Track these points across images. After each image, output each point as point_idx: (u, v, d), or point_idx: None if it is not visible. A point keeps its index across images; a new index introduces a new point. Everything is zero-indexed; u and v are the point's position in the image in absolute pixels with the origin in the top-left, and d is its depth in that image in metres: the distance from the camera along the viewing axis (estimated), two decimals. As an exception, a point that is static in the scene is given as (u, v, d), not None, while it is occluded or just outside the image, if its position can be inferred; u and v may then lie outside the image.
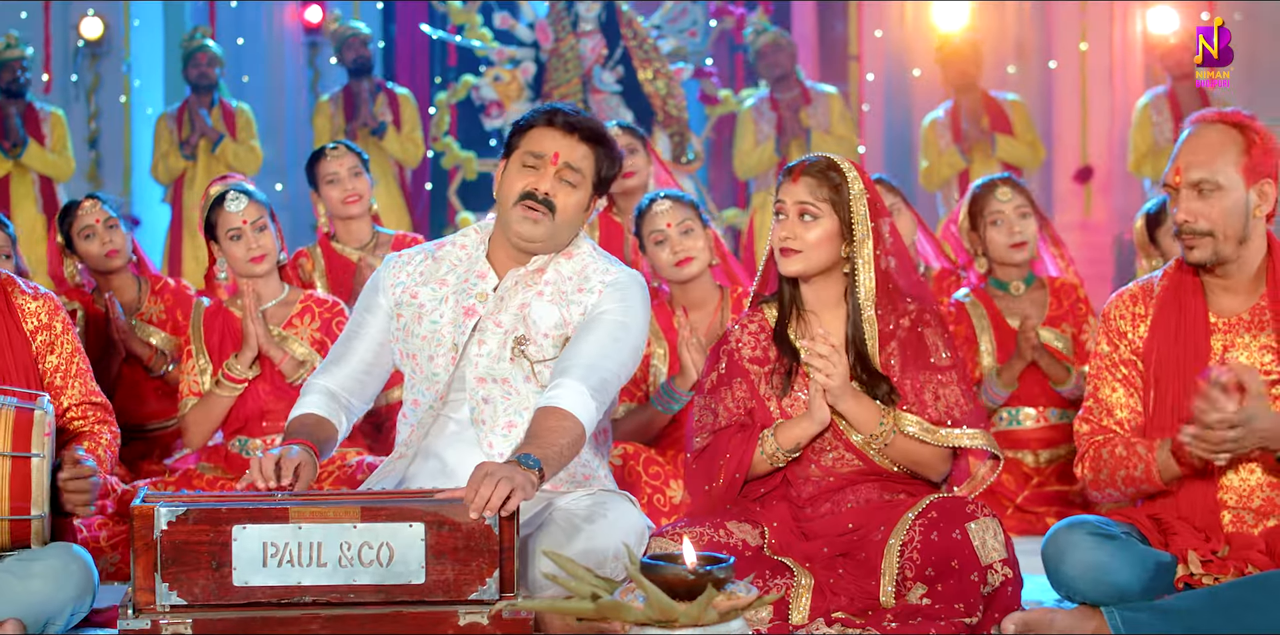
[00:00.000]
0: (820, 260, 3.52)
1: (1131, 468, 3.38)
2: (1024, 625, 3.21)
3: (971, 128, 8.82)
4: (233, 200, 4.53)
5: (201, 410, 4.50)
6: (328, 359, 3.68)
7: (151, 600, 3.03)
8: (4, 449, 3.18)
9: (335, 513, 3.06)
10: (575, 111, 3.56)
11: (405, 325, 3.58)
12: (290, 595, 3.04)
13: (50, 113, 8.97)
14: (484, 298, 3.53)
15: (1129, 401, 3.47)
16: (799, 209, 3.50)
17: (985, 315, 5.04)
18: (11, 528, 3.21)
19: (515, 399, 3.51)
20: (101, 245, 5.07)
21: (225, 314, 4.64)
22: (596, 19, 9.24)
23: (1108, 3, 10.28)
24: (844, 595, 3.32)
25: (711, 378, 3.61)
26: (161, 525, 3.02)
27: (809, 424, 3.48)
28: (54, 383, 3.58)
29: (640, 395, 4.66)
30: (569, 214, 3.51)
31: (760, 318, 3.63)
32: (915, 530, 3.33)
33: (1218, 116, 3.39)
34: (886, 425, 3.47)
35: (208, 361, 4.55)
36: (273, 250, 4.54)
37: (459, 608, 3.05)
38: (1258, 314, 3.41)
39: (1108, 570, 3.25)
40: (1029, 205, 5.07)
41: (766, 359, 3.58)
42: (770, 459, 3.50)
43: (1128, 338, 3.49)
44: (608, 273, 3.54)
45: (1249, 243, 3.38)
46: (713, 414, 3.58)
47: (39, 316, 3.60)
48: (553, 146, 3.49)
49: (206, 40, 9.14)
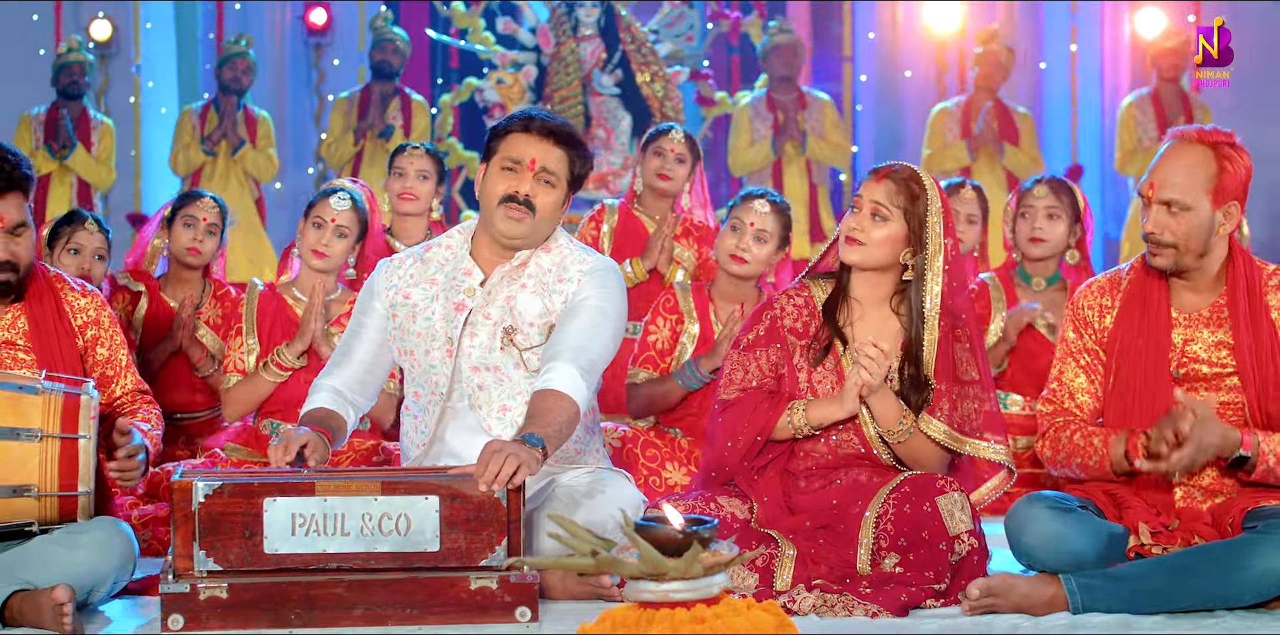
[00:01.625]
0: (878, 257, 3.80)
1: (1087, 457, 3.68)
2: (987, 590, 3.51)
3: (986, 129, 9.07)
4: (340, 199, 4.88)
5: (245, 389, 4.82)
6: (331, 361, 3.99)
7: (190, 566, 3.35)
8: (54, 431, 3.49)
9: (358, 487, 3.39)
10: (548, 117, 3.87)
11: (401, 324, 3.90)
12: (316, 562, 3.36)
13: (102, 122, 9.32)
14: (472, 293, 3.84)
15: (1090, 387, 3.78)
16: (872, 208, 3.79)
17: (1003, 299, 5.35)
18: (61, 503, 3.52)
19: (508, 384, 3.83)
20: (192, 239, 5.30)
21: (279, 300, 4.94)
22: (596, 24, 9.46)
23: (1097, 5, 10.54)
24: (824, 564, 3.63)
25: (749, 336, 3.88)
26: (199, 498, 3.35)
27: (838, 410, 3.76)
28: (105, 373, 3.89)
29: (664, 367, 4.95)
30: (547, 212, 3.82)
31: (807, 294, 3.91)
32: (889, 504, 3.65)
33: (1198, 136, 3.64)
34: (905, 424, 3.76)
35: (256, 342, 4.87)
36: (338, 257, 4.86)
37: (470, 573, 3.37)
38: (1216, 311, 3.71)
39: (1065, 540, 3.56)
40: (1061, 209, 5.33)
41: (806, 332, 3.86)
42: (795, 430, 3.78)
43: (1093, 327, 3.80)
44: (584, 262, 3.86)
45: (1210, 254, 3.68)
46: (744, 370, 3.86)
47: (87, 312, 3.91)
48: (530, 152, 3.81)
49: (250, 50, 9.41)
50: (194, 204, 5.37)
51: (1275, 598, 3.49)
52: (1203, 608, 3.47)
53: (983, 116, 9.12)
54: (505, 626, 3.35)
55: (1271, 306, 3.65)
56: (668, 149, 5.75)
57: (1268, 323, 3.64)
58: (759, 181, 9.17)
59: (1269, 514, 3.54)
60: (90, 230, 5.21)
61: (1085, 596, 3.49)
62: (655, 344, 4.95)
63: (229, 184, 9.20)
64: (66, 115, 9.12)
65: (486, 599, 3.37)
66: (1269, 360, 3.62)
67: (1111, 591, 3.49)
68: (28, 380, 3.56)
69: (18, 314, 3.83)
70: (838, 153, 9.28)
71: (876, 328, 3.83)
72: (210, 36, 10.64)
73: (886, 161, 3.90)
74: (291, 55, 10.89)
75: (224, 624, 3.31)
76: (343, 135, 9.50)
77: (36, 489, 3.48)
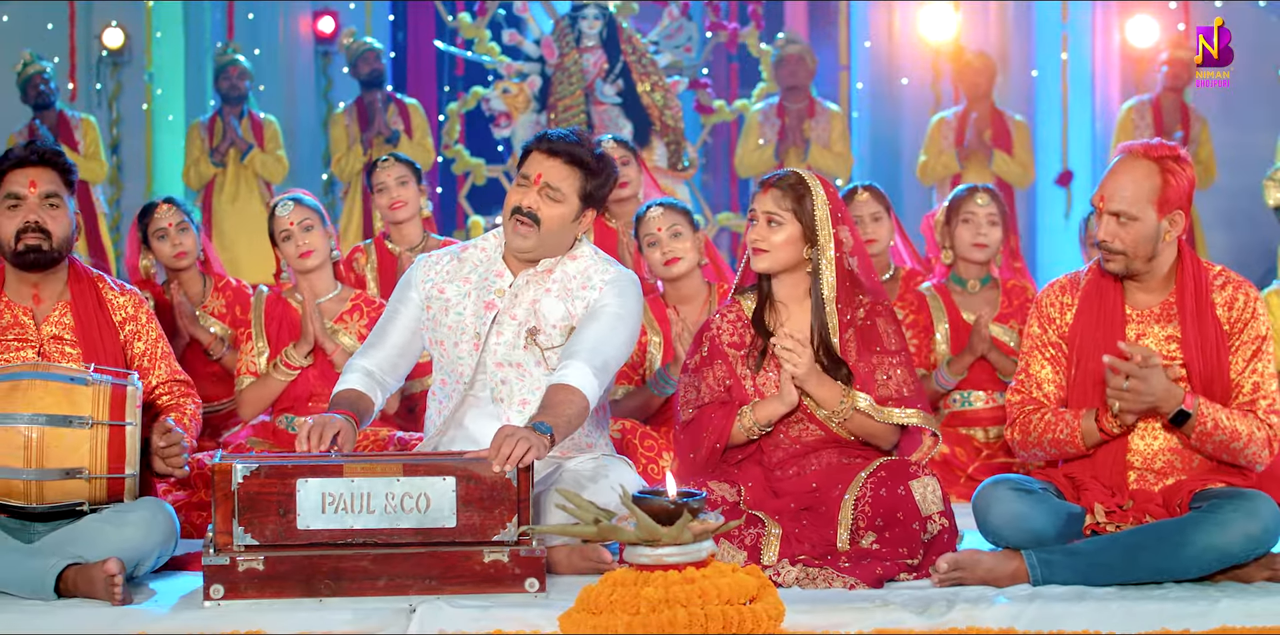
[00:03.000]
0: (785, 259, 4.20)
1: (1059, 432, 4.05)
2: (955, 564, 3.88)
3: (974, 139, 9.41)
4: (281, 207, 5.25)
5: (258, 389, 5.21)
6: (366, 343, 4.38)
7: (229, 541, 3.73)
8: (103, 419, 3.88)
9: (382, 469, 3.77)
10: (562, 138, 4.22)
11: (434, 316, 4.29)
12: (344, 537, 3.74)
13: (81, 119, 9.66)
14: (501, 294, 4.23)
15: (1055, 377, 4.16)
16: (766, 216, 4.19)
17: (943, 307, 5.70)
18: (109, 485, 3.90)
19: (529, 380, 4.22)
20: (172, 246, 5.71)
21: (284, 304, 5.33)
22: (598, 35, 9.74)
23: (1088, 14, 10.83)
24: (807, 542, 4.01)
25: (694, 359, 4.30)
26: (237, 479, 3.73)
27: (779, 405, 4.15)
28: (143, 365, 4.29)
29: (637, 379, 5.34)
30: (553, 225, 4.19)
31: (738, 308, 4.31)
32: (867, 487, 4.04)
33: (1144, 150, 4.01)
34: (846, 403, 4.16)
35: (265, 345, 5.25)
36: (321, 248, 5.23)
37: (484, 548, 3.75)
38: (1166, 308, 4.09)
39: (1027, 519, 3.94)
40: (999, 216, 5.70)
41: (743, 343, 4.26)
42: (747, 432, 4.18)
43: (1055, 322, 4.18)
44: (607, 273, 4.24)
45: (1158, 258, 4.06)
46: (696, 390, 4.26)
47: (126, 309, 4.31)
48: (537, 168, 4.20)
49: (238, 56, 9.77)
50: (153, 216, 5.77)
51: (1218, 571, 3.87)
52: (1152, 580, 3.85)
53: (971, 127, 9.45)
54: (515, 596, 3.72)
55: (1216, 304, 4.03)
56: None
57: (1212, 319, 4.01)
58: None
59: (1213, 495, 3.92)
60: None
61: (1045, 570, 3.86)
62: None
63: (240, 192, 9.57)
64: (41, 126, 9.43)
65: (499, 571, 3.74)
66: (1213, 353, 4.00)
67: (1069, 565, 3.86)
68: (78, 373, 3.95)
69: (64, 311, 4.23)
70: (839, 162, 9.61)
71: (801, 322, 4.21)
72: (220, 45, 10.91)
73: (771, 172, 4.28)
74: (300, 63, 11.25)
75: (260, 593, 3.68)
76: (350, 148, 9.86)
77: (88, 471, 3.87)
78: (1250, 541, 3.82)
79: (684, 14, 10.05)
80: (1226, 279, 4.08)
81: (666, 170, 9.68)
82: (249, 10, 11.20)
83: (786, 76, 9.58)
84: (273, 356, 5.23)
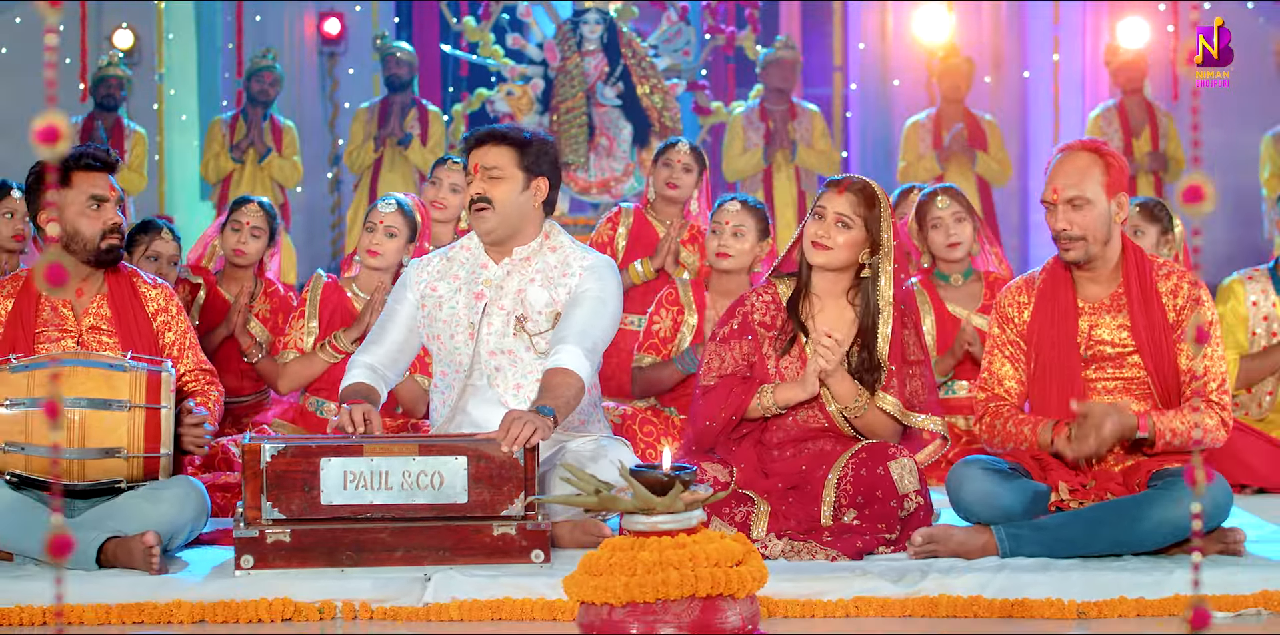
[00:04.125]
0: (842, 259, 4.49)
1: (1019, 442, 4.38)
2: (930, 538, 4.22)
3: (955, 142, 9.71)
4: (385, 203, 5.61)
5: (302, 365, 5.56)
6: (367, 340, 4.73)
7: (258, 516, 4.07)
8: (140, 402, 4.22)
9: (399, 449, 4.11)
10: (485, 128, 4.64)
11: (429, 313, 4.63)
12: (364, 512, 4.08)
13: (134, 131, 10.02)
14: (489, 283, 4.57)
15: (1015, 374, 4.49)
16: (836, 217, 4.46)
17: (929, 301, 6.02)
18: (145, 463, 4.24)
19: (520, 365, 4.56)
20: (237, 242, 5.99)
21: (340, 292, 5.67)
22: (599, 40, 10.02)
23: (1079, 16, 11.13)
24: (793, 518, 4.35)
25: (725, 330, 4.58)
26: (266, 458, 4.07)
27: (800, 392, 4.45)
28: (173, 353, 4.62)
29: (665, 353, 5.68)
30: (505, 200, 4.54)
31: (774, 291, 4.60)
32: (849, 468, 4.37)
33: (1080, 145, 4.38)
34: (860, 402, 4.47)
35: (316, 326, 5.60)
36: (390, 256, 5.57)
37: (493, 522, 4.09)
38: (1116, 299, 4.43)
39: (996, 496, 4.27)
40: (965, 211, 5.99)
41: (774, 325, 4.56)
42: (764, 410, 4.48)
43: (1014, 322, 4.51)
44: (585, 260, 4.59)
45: (1111, 243, 4.41)
46: (720, 359, 4.55)
47: (158, 302, 4.65)
48: (474, 160, 4.58)
49: (276, 63, 10.12)
50: (240, 210, 6.06)
51: (1174, 544, 4.21)
52: (1111, 552, 4.18)
53: (955, 130, 9.73)
54: (522, 566, 4.06)
55: (1161, 292, 4.37)
56: (675, 160, 6.46)
57: (1159, 307, 4.35)
58: (750, 187, 9.80)
59: (1169, 474, 4.26)
60: (166, 239, 5.91)
61: (1013, 543, 4.20)
62: (658, 332, 5.67)
63: (255, 190, 9.87)
64: (102, 127, 9.82)
65: (507, 543, 4.08)
66: (1162, 338, 4.34)
67: (1035, 539, 4.20)
68: (117, 360, 4.29)
69: (101, 304, 4.57)
70: (824, 160, 9.91)
71: (834, 319, 4.52)
72: (230, 46, 11.28)
73: (843, 175, 4.60)
74: (307, 64, 11.57)
75: (287, 563, 4.02)
76: (364, 143, 10.18)
77: (125, 451, 4.21)
78: (1202, 516, 4.16)
79: (682, 18, 10.30)
80: (1170, 270, 4.42)
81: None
82: (256, 12, 11.52)
83: (775, 79, 9.87)
84: (320, 338, 5.56)
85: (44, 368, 4.21)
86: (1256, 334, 5.81)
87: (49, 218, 4.54)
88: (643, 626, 3.16)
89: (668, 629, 3.16)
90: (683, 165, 6.47)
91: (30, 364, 4.23)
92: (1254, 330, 5.82)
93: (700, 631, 3.16)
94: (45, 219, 4.55)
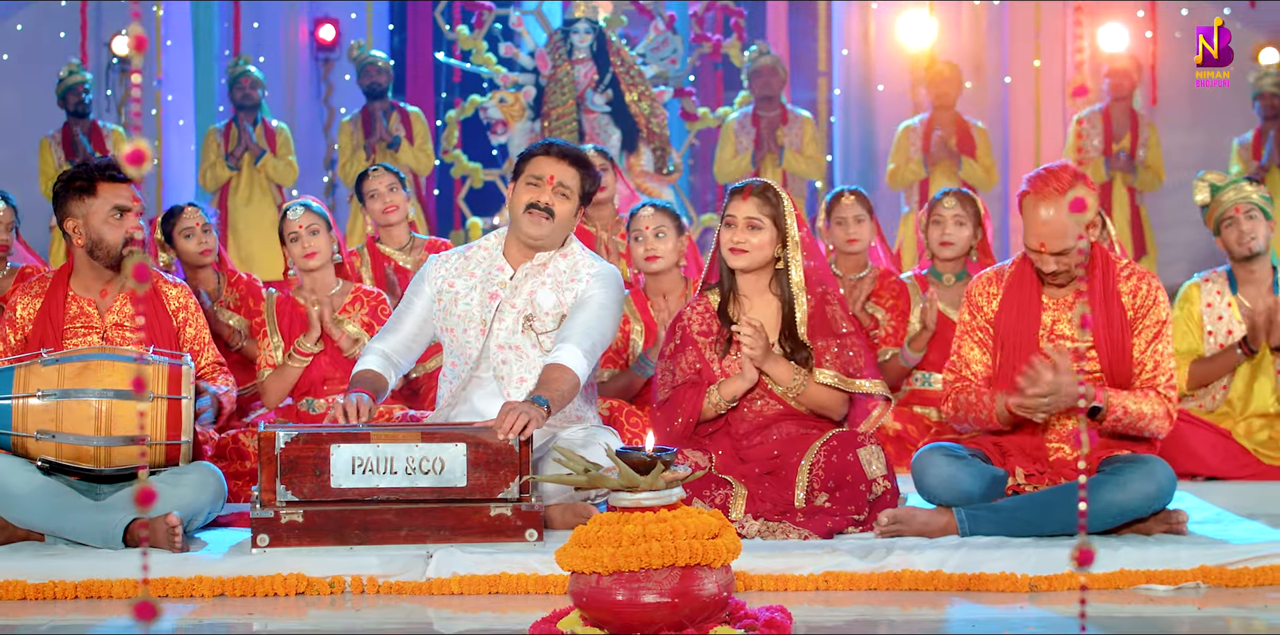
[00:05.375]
0: (760, 258, 4.92)
1: (978, 412, 4.77)
2: (895, 519, 4.60)
3: (940, 147, 10.02)
4: (291, 211, 5.96)
5: (277, 378, 5.91)
6: (383, 329, 5.11)
7: (273, 498, 4.44)
8: (162, 393, 4.59)
9: (404, 436, 4.48)
10: (565, 144, 5.02)
11: (445, 307, 5.01)
12: (371, 494, 4.45)
13: (113, 130, 10.33)
14: (504, 285, 4.95)
15: (982, 358, 4.87)
16: (747, 221, 4.88)
17: (920, 297, 6.43)
18: (167, 450, 4.61)
19: (525, 361, 4.94)
20: (199, 244, 6.41)
21: (292, 302, 6.03)
22: (589, 48, 10.38)
23: (1059, 23, 11.44)
24: (768, 501, 4.73)
25: (669, 347, 5.01)
26: (280, 445, 4.44)
27: (741, 382, 4.88)
28: (193, 348, 5.00)
29: (621, 363, 6.07)
30: (564, 218, 4.95)
31: (705, 301, 5.03)
32: (820, 454, 4.76)
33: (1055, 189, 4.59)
34: (799, 380, 4.88)
35: (280, 340, 5.96)
36: (324, 250, 5.92)
37: (490, 504, 4.46)
38: (1079, 296, 4.81)
39: (957, 481, 4.65)
40: (967, 217, 6.36)
41: (710, 331, 4.98)
42: (715, 407, 4.90)
43: (983, 310, 4.89)
44: (593, 267, 4.98)
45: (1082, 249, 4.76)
46: (670, 374, 4.97)
47: (178, 299, 5.04)
48: (549, 170, 4.94)
49: (249, 66, 10.44)
50: (181, 216, 6.45)
51: (1122, 525, 4.60)
52: (1063, 532, 4.55)
53: (935, 136, 10.05)
54: (517, 544, 4.43)
55: (1122, 293, 4.75)
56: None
57: (1118, 306, 4.73)
58: None
59: (1117, 461, 4.64)
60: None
61: (972, 523, 4.58)
62: (611, 346, 6.04)
63: (253, 194, 10.23)
64: (81, 132, 10.12)
65: (503, 523, 4.46)
66: (1119, 336, 4.71)
67: (992, 520, 4.58)
68: (140, 354, 4.67)
69: (124, 302, 4.95)
70: (812, 165, 10.23)
71: (761, 312, 4.93)
72: (227, 53, 11.57)
73: (744, 181, 4.98)
74: (301, 69, 11.85)
75: (299, 542, 4.40)
76: (354, 154, 10.51)
77: (149, 438, 4.58)
78: (1147, 499, 4.55)
79: (669, 28, 10.61)
80: (1132, 271, 4.80)
81: (653, 174, 10.31)
82: (254, 19, 11.84)
83: (760, 87, 10.19)
84: (286, 349, 5.94)
85: (73, 361, 4.58)
86: (1212, 333, 6.12)
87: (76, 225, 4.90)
88: (628, 593, 3.49)
89: (650, 595, 3.49)
90: (599, 167, 6.67)
91: (60, 358, 4.60)
92: (1209, 330, 6.13)
93: (679, 597, 3.51)
94: (72, 226, 4.91)
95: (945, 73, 10.25)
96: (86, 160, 9.79)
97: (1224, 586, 4.34)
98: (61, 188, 4.93)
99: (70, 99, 10.24)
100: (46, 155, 10.24)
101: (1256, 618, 4.13)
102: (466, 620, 4.09)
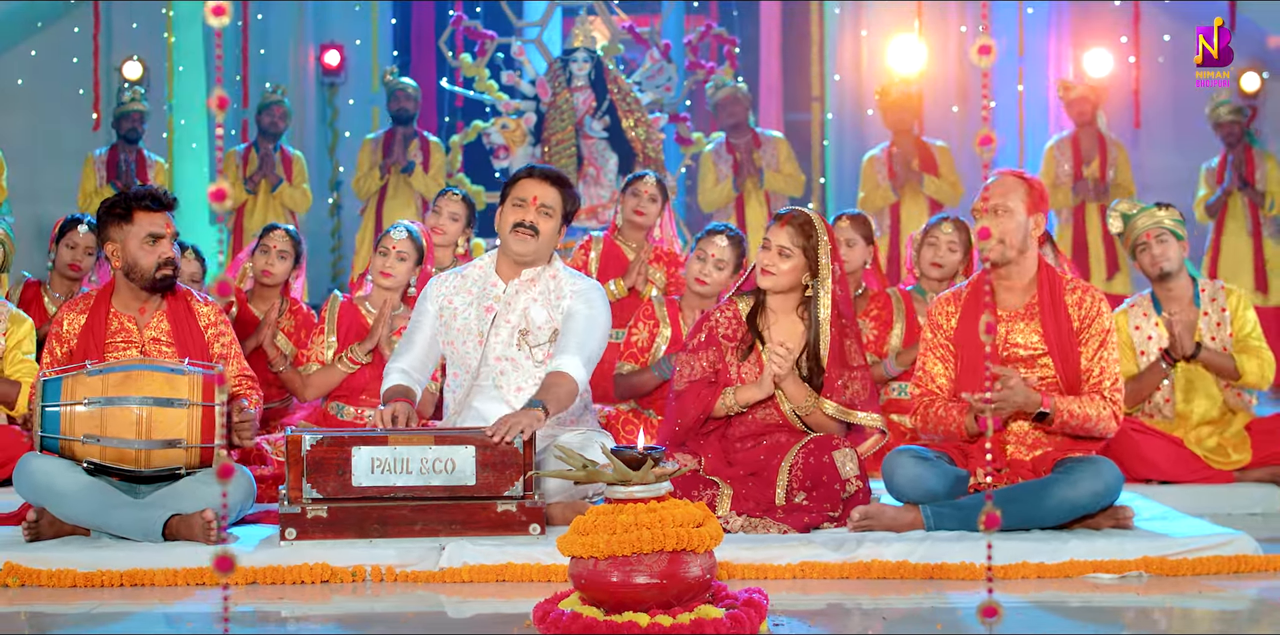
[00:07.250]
0: (785, 283, 5.35)
1: (948, 425, 5.24)
2: (866, 515, 5.06)
3: (903, 169, 10.41)
4: (396, 230, 6.43)
5: (324, 375, 6.36)
6: (398, 349, 5.58)
7: (300, 496, 4.92)
8: (197, 400, 5.07)
9: (418, 439, 4.95)
10: (546, 167, 5.50)
11: (445, 322, 5.51)
12: (389, 492, 4.91)
13: (155, 162, 10.72)
14: (498, 299, 5.44)
15: (945, 372, 5.36)
16: (779, 248, 5.31)
17: (903, 309, 6.85)
18: (201, 453, 5.07)
19: (521, 371, 5.43)
20: (266, 263, 6.88)
21: (354, 309, 6.49)
22: (587, 76, 10.73)
23: (1042, 49, 11.86)
24: (751, 500, 5.20)
25: (694, 341, 5.43)
26: (306, 447, 4.92)
27: (758, 392, 5.32)
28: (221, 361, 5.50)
29: (644, 361, 6.51)
30: (547, 236, 5.43)
31: (735, 307, 5.45)
32: (799, 456, 5.23)
33: (1010, 172, 5.17)
34: (810, 402, 5.32)
35: (335, 340, 6.41)
36: (400, 277, 6.39)
37: (497, 501, 4.93)
38: (1030, 308, 5.28)
39: (923, 480, 5.11)
40: (959, 245, 6.82)
41: (735, 337, 5.41)
42: (727, 409, 5.34)
43: (943, 328, 5.38)
44: (574, 285, 5.46)
45: (1026, 253, 5.22)
46: (690, 367, 5.40)
47: (209, 317, 5.52)
48: (533, 191, 5.44)
49: (285, 98, 10.89)
50: (269, 235, 6.93)
51: (1074, 520, 5.07)
52: (1020, 527, 5.03)
53: (897, 159, 10.40)
54: (522, 537, 4.90)
55: (1069, 304, 5.22)
56: (642, 191, 7.36)
57: (1066, 316, 5.20)
58: (723, 214, 10.52)
59: (1070, 462, 5.13)
60: (189, 259, 6.83)
61: (936, 519, 5.05)
62: (637, 343, 6.53)
63: (267, 217, 10.62)
64: (128, 159, 10.51)
65: (508, 519, 4.94)
66: (1068, 343, 5.19)
67: (955, 516, 5.04)
68: (177, 365, 5.16)
69: (161, 319, 5.44)
70: (791, 183, 10.59)
71: (786, 331, 5.38)
72: (237, 78, 11.98)
73: (790, 208, 5.43)
74: (308, 94, 12.29)
75: (324, 535, 4.87)
76: (370, 171, 10.93)
77: (185, 442, 5.05)
78: (1096, 496, 5.03)
79: (665, 57, 10.97)
80: (1077, 285, 5.28)
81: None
82: (260, 45, 12.26)
83: (726, 117, 10.57)
84: (338, 351, 6.39)
85: (116, 372, 5.06)
86: (1144, 353, 6.55)
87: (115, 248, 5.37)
88: (621, 575, 3.92)
89: (641, 577, 3.92)
90: (649, 195, 7.38)
91: (104, 369, 5.08)
92: (1141, 350, 6.55)
93: (667, 579, 3.94)
94: (111, 249, 5.38)
95: (901, 101, 10.54)
96: (128, 185, 10.42)
97: (1165, 575, 4.79)
98: (103, 213, 5.40)
99: (124, 124, 10.60)
100: (90, 172, 10.58)
101: (1192, 603, 4.57)
102: (476, 605, 4.53)
